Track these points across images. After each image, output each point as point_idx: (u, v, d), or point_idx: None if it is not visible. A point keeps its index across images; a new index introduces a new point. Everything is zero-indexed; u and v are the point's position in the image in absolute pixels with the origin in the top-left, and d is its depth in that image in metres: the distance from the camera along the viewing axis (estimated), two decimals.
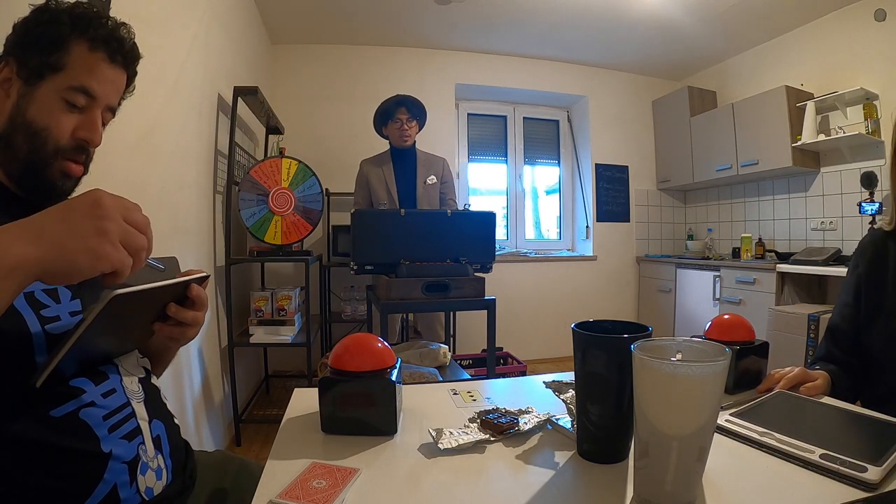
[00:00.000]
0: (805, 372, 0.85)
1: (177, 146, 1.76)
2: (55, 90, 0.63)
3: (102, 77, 0.66)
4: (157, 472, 0.65)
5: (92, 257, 0.45)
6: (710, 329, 0.88)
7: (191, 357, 1.88)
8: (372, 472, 0.58)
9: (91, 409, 0.59)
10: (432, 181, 2.56)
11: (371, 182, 2.52)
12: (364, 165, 2.58)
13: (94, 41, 0.65)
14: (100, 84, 0.66)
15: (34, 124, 0.62)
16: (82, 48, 0.64)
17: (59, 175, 0.65)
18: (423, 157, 2.59)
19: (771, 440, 0.63)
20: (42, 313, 0.58)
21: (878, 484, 0.52)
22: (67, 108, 0.64)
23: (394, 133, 2.50)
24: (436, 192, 2.58)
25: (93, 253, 0.45)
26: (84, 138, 0.66)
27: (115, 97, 0.70)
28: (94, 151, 0.69)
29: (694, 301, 3.52)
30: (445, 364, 1.84)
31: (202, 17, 1.98)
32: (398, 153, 2.55)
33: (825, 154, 3.08)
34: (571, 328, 0.61)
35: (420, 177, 2.55)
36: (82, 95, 0.64)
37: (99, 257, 0.46)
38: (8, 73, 0.64)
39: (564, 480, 0.57)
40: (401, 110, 2.45)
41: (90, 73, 0.65)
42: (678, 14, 3.08)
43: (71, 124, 0.64)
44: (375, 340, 0.74)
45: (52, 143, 0.63)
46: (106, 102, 0.68)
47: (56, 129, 0.63)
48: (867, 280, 0.97)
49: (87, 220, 0.46)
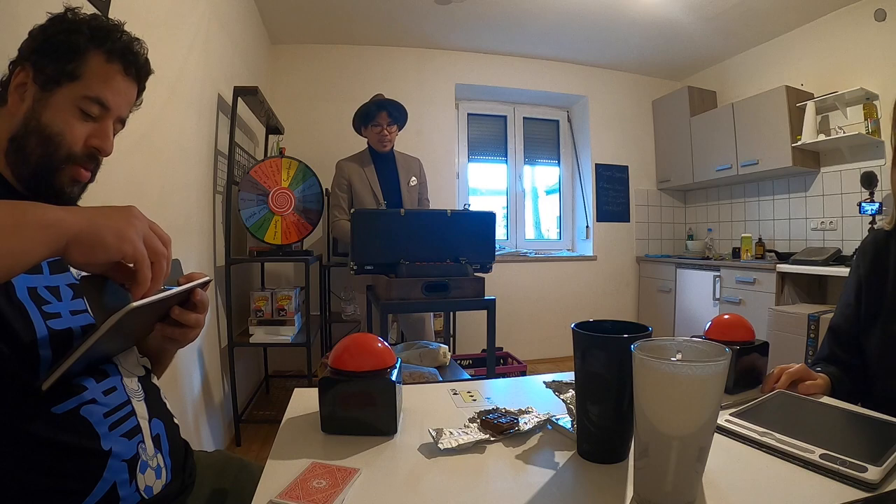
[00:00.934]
0: (806, 369, 0.85)
1: (177, 146, 1.76)
2: (70, 98, 0.64)
3: (117, 88, 0.68)
4: (157, 471, 0.65)
5: (118, 237, 0.50)
6: (710, 329, 0.88)
7: (191, 357, 1.88)
8: (372, 472, 0.58)
9: (92, 406, 0.59)
10: (414, 183, 2.56)
11: (354, 184, 2.46)
12: (344, 165, 2.50)
13: (110, 53, 0.67)
14: (114, 95, 0.68)
15: (48, 129, 0.64)
16: (99, 59, 0.66)
17: (69, 180, 0.67)
18: (401, 158, 2.58)
19: (771, 440, 0.63)
20: (44, 309, 0.59)
21: (878, 484, 0.52)
22: (81, 116, 0.66)
23: (373, 137, 2.46)
24: (416, 193, 2.58)
25: (119, 233, 0.50)
26: (96, 147, 0.68)
27: (126, 109, 0.72)
28: (103, 160, 0.71)
29: (694, 301, 3.52)
30: (445, 364, 1.84)
31: (202, 17, 1.98)
32: (378, 154, 2.52)
33: (825, 154, 3.08)
34: (571, 328, 0.61)
35: (402, 178, 2.54)
36: (97, 105, 0.66)
37: (123, 239, 0.51)
38: (24, 77, 0.65)
39: (564, 480, 0.57)
40: (381, 115, 2.42)
41: (105, 84, 0.66)
42: (678, 14, 3.08)
43: (84, 132, 0.66)
44: (375, 340, 0.74)
45: (65, 149, 0.65)
46: (118, 114, 0.70)
47: (70, 135, 0.65)
48: (867, 281, 0.96)
49: (119, 213, 0.52)
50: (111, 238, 0.50)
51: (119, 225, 0.51)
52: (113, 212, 0.52)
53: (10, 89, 0.65)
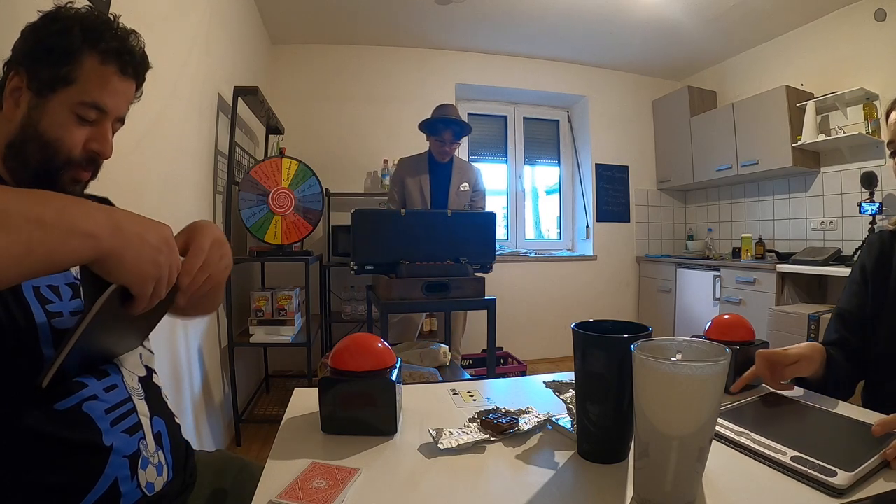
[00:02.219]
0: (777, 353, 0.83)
1: (177, 146, 1.76)
2: (66, 104, 0.63)
3: (113, 91, 0.66)
4: (158, 468, 0.65)
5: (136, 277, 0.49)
6: (711, 329, 0.88)
7: (191, 357, 1.88)
8: (372, 472, 0.58)
9: (93, 402, 0.59)
10: (465, 188, 2.64)
11: (407, 185, 2.59)
12: (403, 165, 2.66)
13: (105, 54, 0.65)
14: (111, 98, 0.66)
15: (46, 135, 0.63)
16: (93, 61, 0.64)
17: (70, 181, 0.66)
18: (458, 164, 2.67)
19: (747, 440, 0.63)
20: (48, 308, 0.59)
21: (845, 490, 0.51)
22: (79, 121, 0.64)
23: (435, 147, 2.56)
24: (466, 198, 2.66)
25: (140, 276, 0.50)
26: (96, 151, 0.67)
27: (125, 108, 0.70)
28: (102, 162, 0.70)
29: (694, 301, 3.52)
30: (445, 364, 1.84)
31: (202, 17, 1.98)
32: (436, 162, 2.61)
33: (825, 154, 3.07)
34: (571, 328, 0.61)
35: (454, 184, 2.62)
36: (94, 110, 0.65)
37: (141, 280, 0.50)
38: (18, 82, 0.64)
39: (564, 480, 0.57)
40: (447, 133, 2.50)
41: (102, 87, 0.65)
42: (678, 14, 3.08)
43: (82, 137, 0.65)
44: (375, 340, 0.74)
45: (64, 155, 0.64)
46: (116, 114, 0.68)
47: (68, 141, 0.64)
48: (872, 275, 0.96)
49: (154, 250, 0.50)
50: (146, 267, 0.49)
51: (153, 255, 0.50)
52: (150, 233, 0.50)
53: (6, 94, 0.64)
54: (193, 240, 0.61)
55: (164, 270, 0.51)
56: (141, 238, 0.49)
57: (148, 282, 0.50)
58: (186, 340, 1.83)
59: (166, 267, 0.52)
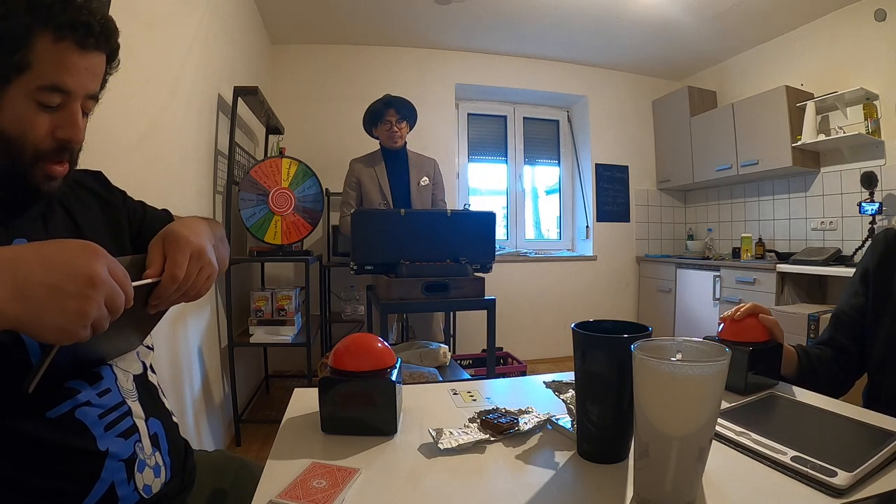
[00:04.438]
0: (756, 305, 0.86)
1: (177, 146, 1.76)
2: (25, 92, 0.56)
3: (74, 68, 0.58)
4: (156, 470, 0.64)
5: (63, 335, 0.46)
6: (724, 330, 0.87)
7: (191, 357, 1.88)
8: (372, 472, 0.58)
9: (86, 408, 0.58)
10: (425, 182, 2.55)
11: (363, 182, 2.48)
12: (355, 164, 2.53)
13: (58, 30, 0.56)
14: (73, 77, 0.58)
15: (8, 133, 0.56)
16: (46, 41, 0.56)
17: (43, 178, 0.60)
18: (414, 157, 2.57)
19: (747, 440, 0.63)
20: None
21: (845, 490, 0.51)
22: (41, 108, 0.57)
23: (383, 134, 2.47)
24: (428, 193, 2.57)
25: (66, 333, 0.46)
26: (64, 138, 0.60)
27: (94, 84, 0.62)
28: (80, 148, 0.64)
29: (694, 301, 3.52)
30: (445, 364, 1.84)
31: (202, 17, 1.98)
32: (389, 153, 2.52)
33: (825, 154, 3.08)
34: (571, 328, 0.61)
35: (413, 178, 2.53)
36: (55, 93, 0.57)
37: (69, 336, 0.46)
38: None
39: (564, 480, 0.57)
40: (389, 112, 2.42)
41: (60, 67, 0.57)
42: (678, 14, 3.08)
43: (48, 125, 0.58)
44: (375, 340, 0.74)
45: (31, 149, 0.58)
46: (84, 92, 0.61)
47: (32, 134, 0.57)
48: (875, 274, 0.96)
49: (74, 299, 0.45)
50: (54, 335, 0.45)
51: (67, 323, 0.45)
52: (68, 299, 0.45)
53: None
54: (169, 256, 0.59)
55: (94, 313, 0.46)
56: (55, 291, 0.44)
57: (78, 332, 0.46)
58: (186, 340, 1.83)
59: (96, 308, 0.47)
